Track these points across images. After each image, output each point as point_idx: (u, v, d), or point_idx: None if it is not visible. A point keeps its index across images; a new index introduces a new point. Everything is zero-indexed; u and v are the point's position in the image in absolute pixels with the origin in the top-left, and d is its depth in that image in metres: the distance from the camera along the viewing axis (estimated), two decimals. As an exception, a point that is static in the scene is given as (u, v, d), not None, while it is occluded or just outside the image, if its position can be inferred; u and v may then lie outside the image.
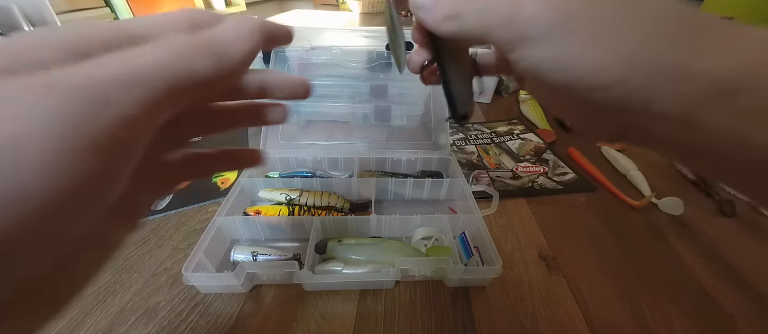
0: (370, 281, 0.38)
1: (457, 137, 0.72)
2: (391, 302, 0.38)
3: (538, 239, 0.47)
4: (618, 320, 0.37)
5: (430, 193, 0.53)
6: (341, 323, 0.36)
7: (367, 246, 0.41)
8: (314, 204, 0.48)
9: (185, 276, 0.35)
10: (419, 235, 0.44)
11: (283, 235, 0.46)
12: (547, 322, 0.37)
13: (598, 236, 0.48)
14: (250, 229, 0.45)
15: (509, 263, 0.43)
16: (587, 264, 0.44)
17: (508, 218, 0.51)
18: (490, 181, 0.59)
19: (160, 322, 0.35)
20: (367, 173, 0.55)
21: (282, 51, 0.59)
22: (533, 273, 0.42)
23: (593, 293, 0.40)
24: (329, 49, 0.61)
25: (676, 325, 0.37)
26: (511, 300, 0.39)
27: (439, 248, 0.42)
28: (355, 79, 0.65)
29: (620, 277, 0.42)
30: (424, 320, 0.36)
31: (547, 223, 0.50)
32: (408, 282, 0.40)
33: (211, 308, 0.36)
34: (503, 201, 0.53)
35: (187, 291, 0.38)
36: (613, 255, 0.45)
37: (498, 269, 0.36)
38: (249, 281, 0.38)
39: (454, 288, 0.39)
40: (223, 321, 0.35)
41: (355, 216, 0.45)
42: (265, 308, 0.37)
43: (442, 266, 0.37)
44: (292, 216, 0.46)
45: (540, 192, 0.56)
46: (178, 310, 0.36)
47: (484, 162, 0.64)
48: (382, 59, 0.63)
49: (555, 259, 0.44)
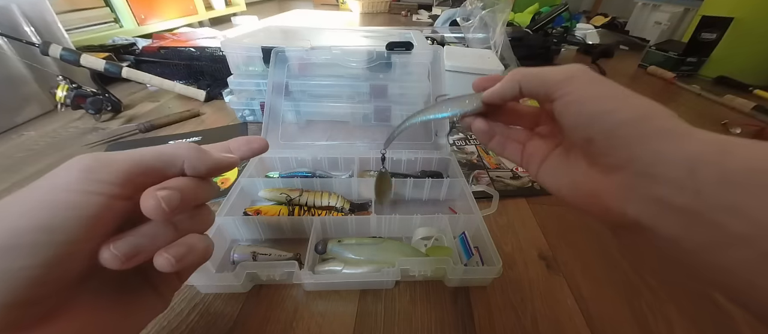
0: (370, 281, 0.38)
1: (457, 137, 0.72)
2: (391, 302, 0.38)
3: (538, 239, 0.47)
4: (618, 320, 0.37)
5: (430, 193, 0.53)
6: (341, 323, 0.36)
7: (367, 246, 0.41)
8: (314, 204, 0.48)
9: (185, 276, 0.35)
10: (419, 235, 0.44)
11: (283, 235, 0.46)
12: (547, 322, 0.37)
13: (598, 236, 0.48)
14: (250, 229, 0.45)
15: (509, 263, 0.43)
16: (587, 264, 0.44)
17: (508, 218, 0.51)
18: (490, 181, 0.59)
19: (159, 321, 0.35)
20: (367, 173, 0.55)
21: (282, 51, 0.59)
22: (533, 273, 0.42)
23: (593, 293, 0.40)
24: (329, 49, 0.61)
25: (676, 325, 0.37)
26: (511, 300, 0.39)
27: (439, 248, 0.42)
28: (355, 79, 0.65)
29: (620, 277, 0.42)
30: (424, 320, 0.36)
31: (547, 223, 0.50)
32: (408, 282, 0.40)
33: (210, 308, 0.36)
34: (503, 201, 0.53)
35: (186, 291, 0.38)
36: (613, 255, 0.45)
37: (498, 269, 0.36)
38: (249, 281, 0.38)
39: (454, 288, 0.39)
40: (223, 321, 0.35)
41: (355, 216, 0.45)
42: (265, 308, 0.37)
43: (442, 266, 0.37)
44: (292, 216, 0.46)
45: (540, 192, 0.56)
46: (178, 309, 0.36)
47: (484, 162, 0.64)
48: (382, 59, 0.63)
49: (555, 259, 0.44)
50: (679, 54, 1.22)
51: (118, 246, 0.16)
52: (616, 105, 0.17)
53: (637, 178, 0.16)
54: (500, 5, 1.06)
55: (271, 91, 0.58)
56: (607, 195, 0.17)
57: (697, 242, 0.14)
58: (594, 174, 0.18)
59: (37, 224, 0.14)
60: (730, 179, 0.13)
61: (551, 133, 0.23)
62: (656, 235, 0.15)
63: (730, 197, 0.13)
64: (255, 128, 0.75)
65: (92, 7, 1.13)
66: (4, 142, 0.68)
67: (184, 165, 0.19)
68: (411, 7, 2.55)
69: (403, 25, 2.04)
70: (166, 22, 1.40)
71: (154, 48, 1.03)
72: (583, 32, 1.69)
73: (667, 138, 0.15)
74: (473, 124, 0.25)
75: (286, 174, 0.54)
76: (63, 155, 0.63)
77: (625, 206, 0.16)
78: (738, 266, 0.13)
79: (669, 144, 0.15)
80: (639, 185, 0.16)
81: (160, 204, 0.16)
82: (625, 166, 0.16)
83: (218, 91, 0.88)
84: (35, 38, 0.74)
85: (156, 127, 0.73)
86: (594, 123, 0.17)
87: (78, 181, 0.15)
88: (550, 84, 0.19)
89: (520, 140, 0.24)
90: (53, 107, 0.78)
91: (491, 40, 1.05)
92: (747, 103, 0.93)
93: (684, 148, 0.14)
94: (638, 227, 0.16)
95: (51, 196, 0.15)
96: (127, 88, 0.93)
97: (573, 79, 0.18)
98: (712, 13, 1.16)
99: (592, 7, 2.60)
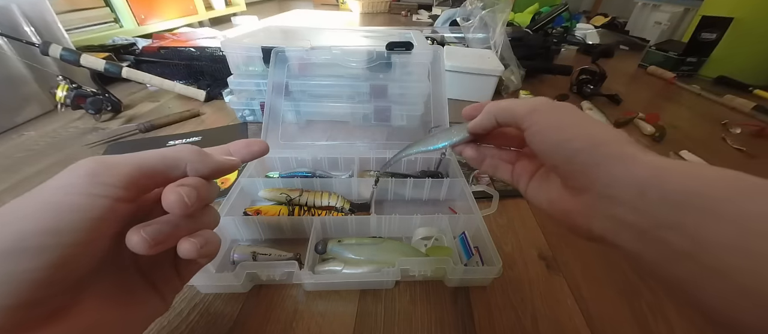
0: (370, 281, 0.38)
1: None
2: (391, 302, 0.38)
3: (538, 239, 0.47)
4: (618, 320, 0.37)
5: (430, 193, 0.53)
6: (341, 323, 0.36)
7: (367, 246, 0.41)
8: (314, 204, 0.48)
9: (185, 276, 0.35)
10: (419, 235, 0.44)
11: (283, 235, 0.46)
12: (547, 322, 0.37)
13: (598, 236, 0.48)
14: (250, 229, 0.45)
15: (509, 263, 0.43)
16: (587, 264, 0.44)
17: (508, 218, 0.51)
18: (490, 181, 0.59)
19: (159, 321, 0.35)
20: (367, 173, 0.55)
21: (282, 51, 0.59)
22: (533, 273, 0.42)
23: (593, 293, 0.40)
24: (329, 49, 0.61)
25: (676, 325, 0.37)
26: (511, 300, 0.39)
27: (439, 248, 0.42)
28: (355, 79, 0.65)
29: (620, 277, 0.42)
30: (424, 320, 0.36)
31: (547, 223, 0.50)
32: (408, 282, 0.40)
33: (211, 308, 0.36)
34: (503, 201, 0.53)
35: (187, 291, 0.38)
36: (613, 255, 0.45)
37: (498, 269, 0.36)
38: (249, 281, 0.38)
39: (454, 288, 0.39)
40: (223, 321, 0.35)
41: (355, 216, 0.45)
42: (265, 308, 0.37)
43: (442, 266, 0.37)
44: (292, 216, 0.45)
45: (540, 192, 0.56)
46: (178, 309, 0.36)
47: (484, 162, 0.64)
48: (382, 59, 0.63)
49: (555, 259, 0.44)
50: (679, 54, 1.22)
51: (148, 231, 0.17)
52: (573, 133, 0.18)
53: (599, 199, 0.17)
54: (500, 5, 1.06)
55: (271, 91, 0.58)
56: (576, 213, 0.19)
57: (651, 256, 0.15)
58: (565, 195, 0.20)
59: (42, 227, 0.14)
60: (669, 199, 0.14)
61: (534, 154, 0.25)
62: (620, 249, 0.17)
63: (671, 217, 0.14)
64: (255, 128, 0.75)
65: (92, 7, 1.13)
66: (4, 142, 0.68)
67: (187, 168, 0.20)
68: (411, 7, 2.55)
69: (403, 25, 2.04)
70: (166, 22, 1.40)
71: (154, 48, 1.03)
72: (583, 32, 1.69)
73: (618, 163, 0.16)
74: (464, 152, 0.27)
75: (286, 174, 0.54)
76: (63, 155, 0.63)
77: (591, 224, 0.18)
78: (687, 278, 0.14)
79: (619, 168, 0.16)
80: (601, 205, 0.17)
81: (182, 198, 0.17)
82: (588, 188, 0.18)
83: (218, 91, 0.88)
84: (35, 38, 0.74)
85: (156, 127, 0.73)
86: (556, 151, 0.19)
87: (83, 184, 0.16)
88: (517, 117, 0.21)
89: (510, 161, 0.27)
90: (53, 107, 0.78)
91: (491, 40, 1.05)
92: (747, 103, 0.93)
93: (632, 172, 0.16)
94: (603, 241, 0.18)
95: (56, 199, 0.15)
96: (127, 88, 0.93)
97: (535, 112, 0.20)
98: (712, 13, 1.16)
99: (592, 7, 2.60)
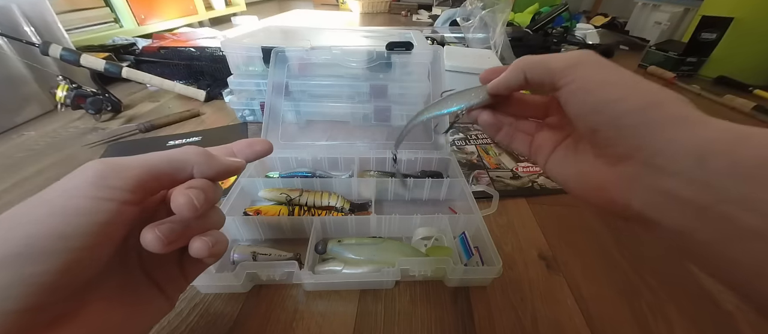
0: (370, 281, 0.38)
1: (457, 137, 0.72)
2: (391, 302, 0.38)
3: (538, 239, 0.47)
4: (618, 320, 0.37)
5: (430, 193, 0.53)
6: (341, 323, 0.36)
7: (367, 246, 0.41)
8: (314, 204, 0.48)
9: (185, 276, 0.35)
10: (419, 235, 0.44)
11: (283, 235, 0.46)
12: (547, 322, 0.37)
13: (598, 236, 0.48)
14: (250, 229, 0.45)
15: (509, 263, 0.43)
16: (587, 264, 0.44)
17: (508, 218, 0.51)
18: (490, 181, 0.59)
19: (160, 322, 0.35)
20: (367, 173, 0.55)
21: (282, 51, 0.59)
22: (533, 273, 0.42)
23: (593, 293, 0.40)
24: (329, 49, 0.61)
25: (676, 325, 0.37)
26: (511, 300, 0.39)
27: (439, 248, 0.42)
28: (355, 79, 0.65)
29: (620, 277, 0.42)
30: (424, 320, 0.36)
31: (547, 223, 0.50)
32: (408, 282, 0.40)
33: (210, 308, 0.36)
34: (503, 201, 0.53)
35: (186, 291, 0.38)
36: (613, 255, 0.45)
37: (498, 269, 0.36)
38: (249, 281, 0.38)
39: (454, 288, 0.39)
40: (223, 321, 0.35)
41: (355, 216, 0.45)
42: (265, 308, 0.37)
43: (442, 266, 0.37)
44: (292, 216, 0.45)
45: (540, 192, 0.56)
46: (178, 309, 0.36)
47: (484, 162, 0.64)
48: (382, 59, 0.63)
49: (555, 259, 0.44)
50: (679, 54, 1.22)
51: (162, 229, 0.17)
52: (624, 93, 0.16)
53: (643, 168, 0.15)
54: (500, 5, 1.06)
55: (271, 91, 0.58)
56: (613, 187, 0.17)
57: (704, 235, 0.13)
58: (600, 165, 0.18)
59: (50, 231, 0.14)
60: (742, 169, 0.12)
61: (560, 123, 0.23)
62: (661, 227, 0.15)
63: (741, 189, 0.12)
64: (255, 128, 0.75)
65: (92, 7, 1.13)
66: (4, 142, 0.68)
67: (194, 170, 0.19)
68: (411, 7, 2.55)
69: (403, 25, 2.04)
70: (166, 22, 1.40)
71: (154, 48, 1.03)
72: (583, 32, 1.69)
73: (678, 126, 0.14)
74: (480, 117, 0.24)
75: (286, 174, 0.54)
76: (63, 155, 0.63)
77: (630, 198, 0.16)
78: (747, 259, 0.12)
79: (679, 132, 0.14)
80: (645, 176, 0.15)
81: (191, 201, 0.18)
82: (632, 156, 0.16)
83: (218, 91, 0.88)
84: (35, 38, 0.74)
85: (156, 127, 0.73)
86: (600, 112, 0.16)
87: (90, 187, 0.16)
88: (554, 72, 0.18)
89: (529, 132, 0.24)
90: (53, 107, 0.78)
91: (491, 40, 1.05)
92: (747, 103, 0.93)
93: (695, 135, 0.14)
94: (642, 219, 0.16)
95: (63, 202, 0.15)
96: (127, 88, 0.93)
97: (578, 66, 0.18)
98: (712, 13, 1.16)
99: (592, 7, 2.60)
